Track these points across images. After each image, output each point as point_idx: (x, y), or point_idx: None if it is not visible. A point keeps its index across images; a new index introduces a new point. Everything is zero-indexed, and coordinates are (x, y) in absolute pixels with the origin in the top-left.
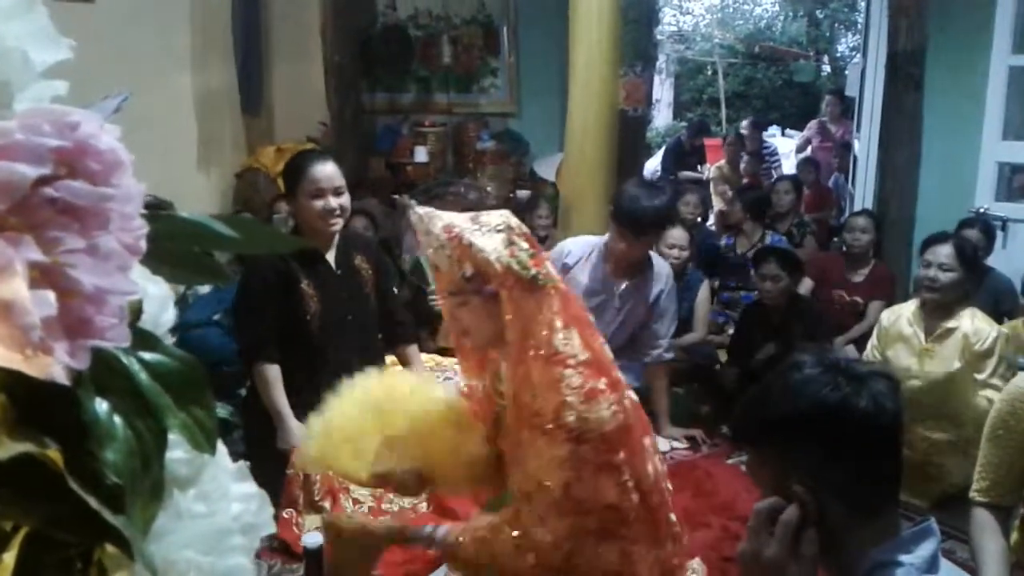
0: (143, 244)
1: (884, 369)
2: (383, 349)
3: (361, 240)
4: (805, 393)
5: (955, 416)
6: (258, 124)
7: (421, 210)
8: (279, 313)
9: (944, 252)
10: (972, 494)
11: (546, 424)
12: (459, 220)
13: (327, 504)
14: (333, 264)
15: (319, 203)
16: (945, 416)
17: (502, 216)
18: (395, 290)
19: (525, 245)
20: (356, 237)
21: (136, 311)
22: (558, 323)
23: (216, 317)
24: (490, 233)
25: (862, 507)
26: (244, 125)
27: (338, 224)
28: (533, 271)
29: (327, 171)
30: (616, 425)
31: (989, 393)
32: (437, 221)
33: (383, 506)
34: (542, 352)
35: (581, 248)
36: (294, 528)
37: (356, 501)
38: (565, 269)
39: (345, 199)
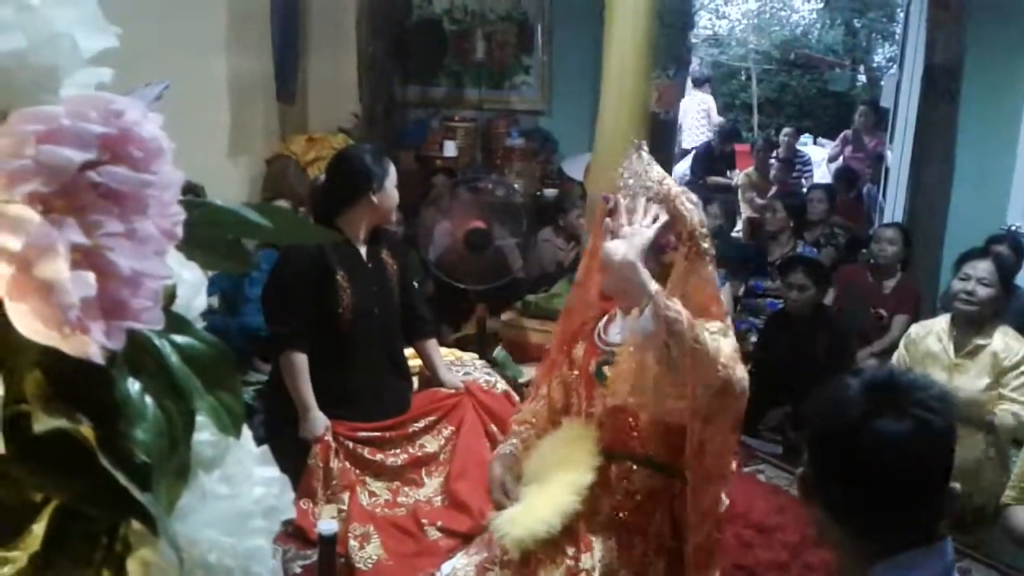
0: (179, 230)
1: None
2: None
3: (388, 234)
4: (828, 396)
5: (980, 433)
6: (291, 112)
7: (644, 155)
8: (312, 303)
9: (984, 267)
10: (1005, 499)
11: (712, 328)
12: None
13: (345, 496)
14: (365, 258)
15: (397, 193)
16: (970, 433)
17: (698, 199)
18: (416, 284)
19: (707, 230)
20: (383, 231)
21: (170, 295)
22: (715, 293)
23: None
24: (691, 203)
25: (853, 524)
26: (278, 113)
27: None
28: (707, 245)
29: (393, 171)
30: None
31: (1013, 407)
32: (656, 166)
33: (399, 499)
34: (702, 311)
35: None
36: (310, 517)
37: (372, 494)
38: None
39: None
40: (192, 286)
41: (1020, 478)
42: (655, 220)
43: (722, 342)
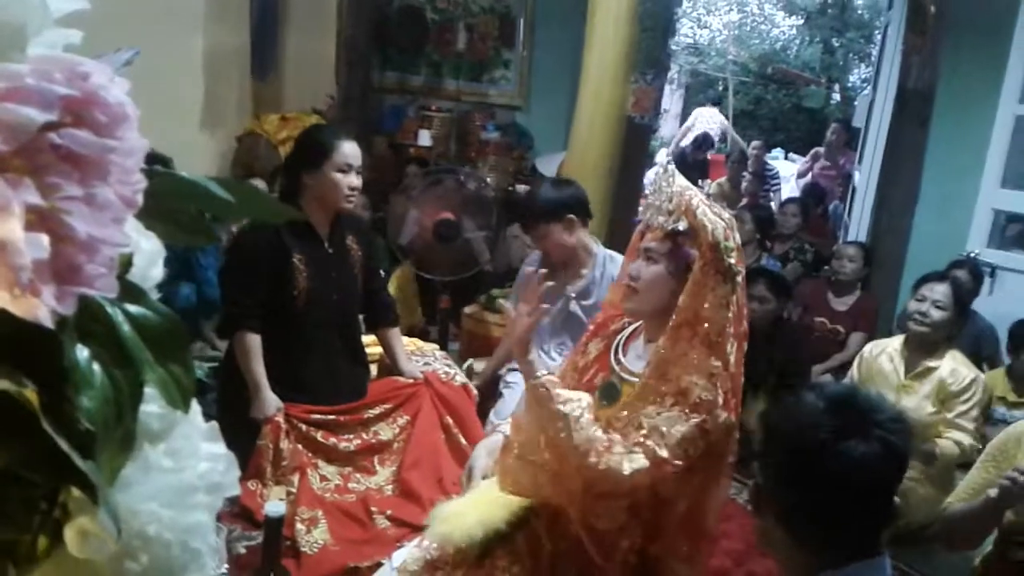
0: (140, 198)
1: (885, 439)
2: (362, 330)
3: (354, 220)
4: (791, 413)
5: (923, 454)
6: (266, 90)
7: (670, 168)
8: (267, 284)
9: (940, 290)
10: (945, 504)
11: (688, 401)
12: (695, 189)
13: (295, 478)
14: (326, 242)
15: (346, 179)
16: (913, 454)
17: (730, 216)
18: (382, 272)
19: (734, 244)
20: (350, 217)
21: (126, 263)
22: (732, 320)
23: None
24: (717, 215)
25: (805, 537)
26: (252, 89)
27: (353, 203)
28: (732, 262)
29: (355, 149)
30: (729, 435)
31: (955, 434)
32: (680, 177)
33: (349, 485)
34: (709, 339)
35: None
36: (258, 498)
37: (323, 478)
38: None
39: (360, 180)
40: (149, 256)
41: (964, 489)
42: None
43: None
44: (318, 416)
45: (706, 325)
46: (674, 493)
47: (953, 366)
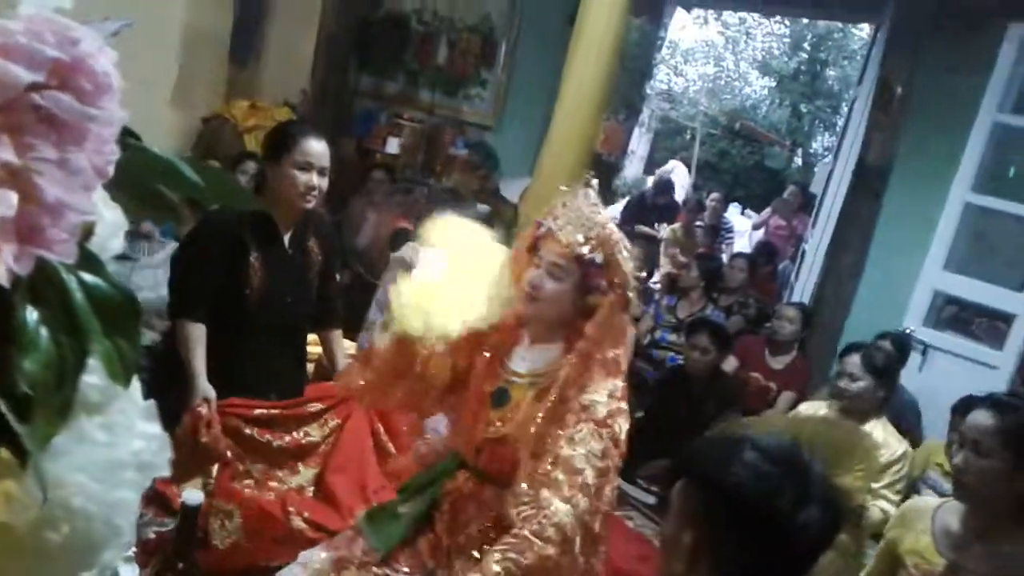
0: (111, 169)
1: (835, 502)
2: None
3: (319, 222)
4: (744, 478)
5: (852, 513)
6: (241, 76)
7: (592, 194)
8: (221, 278)
9: (851, 361)
10: None
11: (595, 417)
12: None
13: (214, 470)
14: (287, 242)
15: (304, 177)
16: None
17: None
18: (337, 276)
19: (635, 279)
20: (316, 219)
21: (88, 232)
22: (625, 343)
23: None
24: (626, 250)
25: None
26: (227, 74)
27: (312, 204)
28: (633, 295)
29: (320, 148)
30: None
31: (882, 504)
32: (602, 209)
33: (270, 483)
34: (609, 358)
35: None
36: (173, 486)
37: (246, 474)
38: None
39: (326, 182)
40: (111, 227)
41: (874, 566)
42: None
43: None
44: (259, 411)
45: (608, 352)
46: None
47: (885, 437)
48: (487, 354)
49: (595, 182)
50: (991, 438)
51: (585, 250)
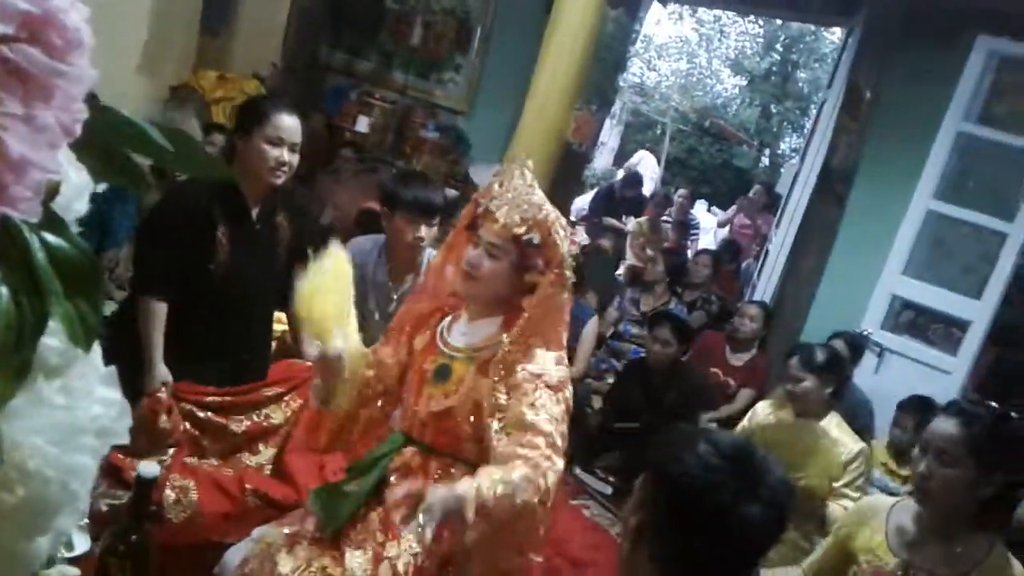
0: (78, 129)
1: (781, 503)
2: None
3: (289, 197)
4: (691, 468)
5: (804, 516)
6: (212, 46)
7: (528, 174)
8: (186, 253)
9: (792, 364)
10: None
11: (552, 383)
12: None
13: (170, 450)
14: (255, 217)
15: (275, 152)
16: (793, 516)
17: (566, 223)
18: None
19: (571, 256)
20: (285, 194)
21: (53, 192)
22: (566, 320)
23: None
24: (563, 229)
25: (666, 567)
26: (197, 44)
27: (281, 180)
28: (572, 275)
29: (293, 124)
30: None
31: (844, 502)
32: (538, 191)
33: (229, 461)
34: (551, 336)
35: (365, 246)
36: (127, 459)
37: (204, 455)
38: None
39: (296, 158)
40: (76, 188)
41: (819, 558)
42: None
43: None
44: (211, 398)
45: (549, 328)
46: None
47: (839, 435)
48: (425, 333)
49: (530, 163)
50: (957, 447)
51: (522, 230)
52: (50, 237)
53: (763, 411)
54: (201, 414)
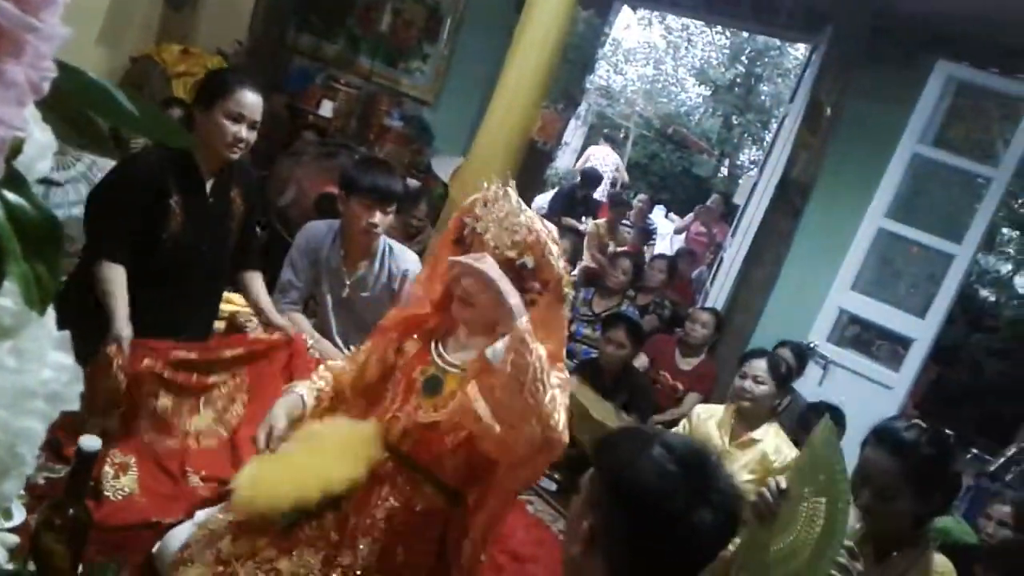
0: (47, 87)
1: (731, 509)
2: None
3: (245, 173)
4: (646, 474)
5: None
6: (176, 19)
7: (513, 195)
8: (137, 220)
9: (759, 365)
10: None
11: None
12: (540, 220)
13: (114, 420)
14: (208, 190)
15: (234, 128)
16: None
17: (557, 234)
18: (258, 229)
19: (568, 272)
20: (240, 170)
21: (16, 149)
22: (564, 335)
23: None
24: (556, 245)
25: (616, 570)
26: (160, 16)
27: (237, 155)
28: (569, 291)
29: (255, 101)
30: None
31: None
32: (527, 211)
33: (172, 424)
34: (550, 349)
35: (320, 230)
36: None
37: (151, 414)
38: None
39: (254, 135)
40: (40, 148)
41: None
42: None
43: (559, 399)
44: (178, 353)
45: (549, 344)
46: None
47: (777, 443)
48: (416, 338)
49: (512, 183)
50: (896, 481)
51: (513, 254)
52: (10, 196)
53: (701, 413)
54: (164, 372)
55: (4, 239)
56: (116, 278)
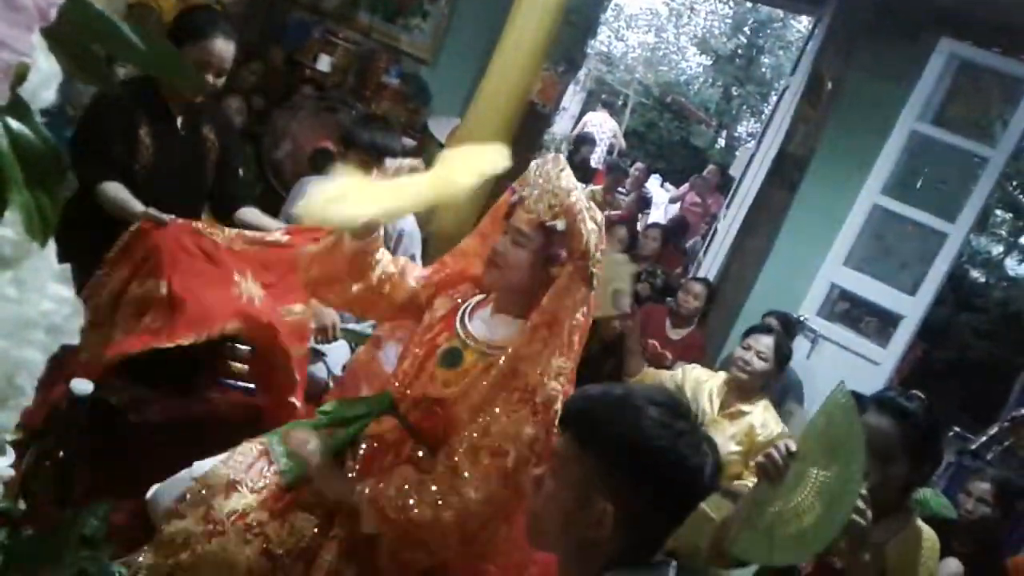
0: (54, 14)
1: (715, 449)
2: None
3: (214, 112)
4: (655, 437)
5: (731, 495)
6: None
7: (563, 161)
8: (117, 148)
9: (765, 342)
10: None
11: (536, 399)
12: (584, 195)
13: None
14: (180, 125)
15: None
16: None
17: (602, 220)
18: (241, 172)
19: (600, 253)
20: (210, 109)
21: (21, 76)
22: (581, 322)
23: None
24: (593, 222)
25: (634, 539)
26: None
27: (200, 98)
28: (595, 271)
29: (226, 49)
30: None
31: (754, 480)
32: (568, 175)
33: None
34: (563, 339)
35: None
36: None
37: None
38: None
39: (223, 80)
40: (45, 76)
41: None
42: None
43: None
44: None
45: (564, 327)
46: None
47: (764, 418)
48: (454, 298)
49: (563, 154)
50: (894, 446)
51: (548, 217)
52: (14, 124)
53: (699, 375)
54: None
55: (7, 167)
56: (119, 189)
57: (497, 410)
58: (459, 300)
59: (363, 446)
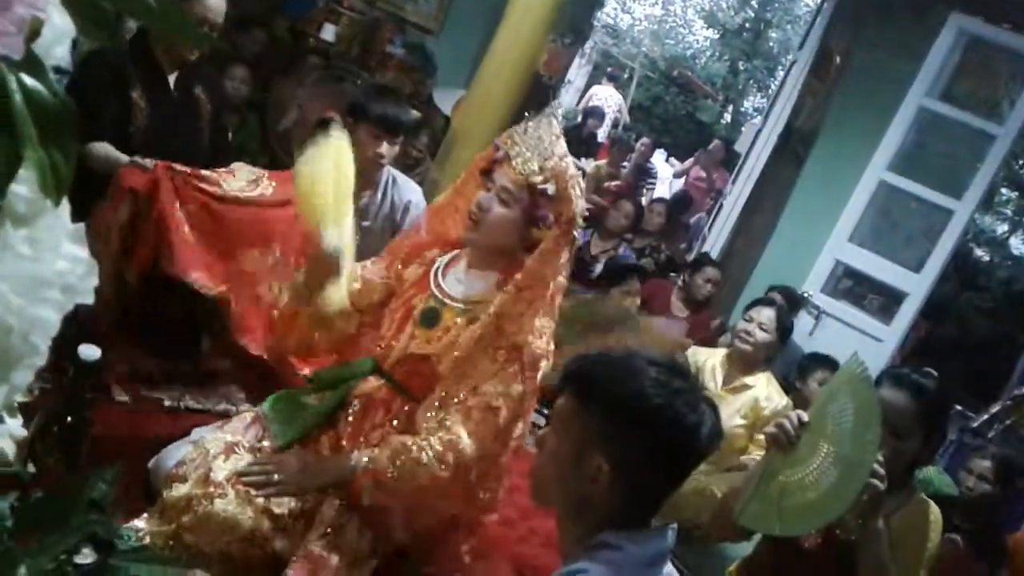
0: None
1: (715, 408)
2: None
3: (205, 74)
4: (654, 396)
5: (723, 465)
6: None
7: (556, 123)
8: (110, 111)
9: (767, 314)
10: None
11: (523, 358)
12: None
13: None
14: (172, 86)
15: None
16: (715, 463)
17: (583, 187)
18: (230, 133)
19: (583, 217)
20: (202, 70)
21: (35, 31)
22: (562, 284)
23: None
24: (579, 187)
25: (630, 498)
26: None
27: (195, 56)
28: (577, 234)
29: (219, 6)
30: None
31: (755, 452)
32: (563, 143)
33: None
34: (547, 301)
35: None
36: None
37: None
38: None
39: (214, 35)
40: (59, 32)
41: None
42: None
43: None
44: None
45: (547, 289)
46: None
47: (768, 391)
48: (418, 265)
49: (559, 112)
50: (910, 420)
51: (538, 179)
52: (28, 80)
53: (700, 356)
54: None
55: (21, 123)
56: (106, 147)
57: (484, 368)
58: (428, 263)
59: (355, 404)
